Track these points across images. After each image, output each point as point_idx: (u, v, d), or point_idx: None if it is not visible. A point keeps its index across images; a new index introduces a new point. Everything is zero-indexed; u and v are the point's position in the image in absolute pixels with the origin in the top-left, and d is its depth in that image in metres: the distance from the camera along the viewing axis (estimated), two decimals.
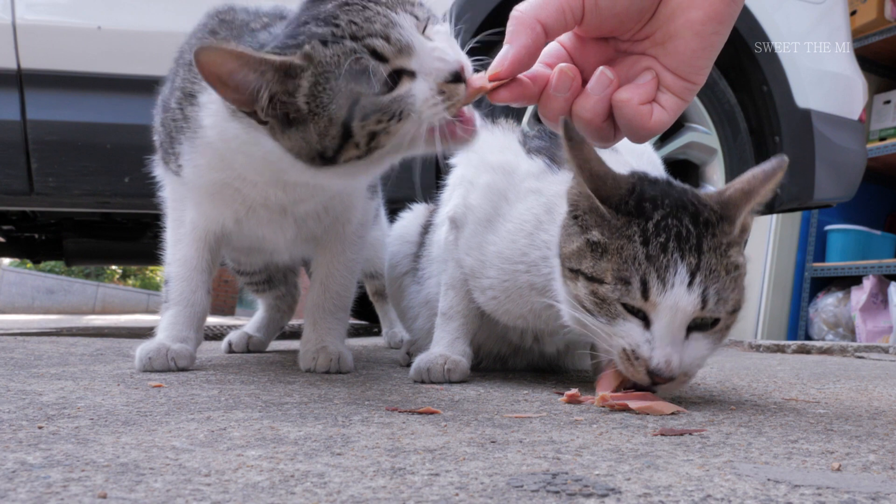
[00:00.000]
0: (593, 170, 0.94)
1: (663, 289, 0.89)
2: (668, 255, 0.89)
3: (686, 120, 2.61)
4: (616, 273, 0.91)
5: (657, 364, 0.89)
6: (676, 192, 0.96)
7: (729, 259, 0.93)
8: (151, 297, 13.70)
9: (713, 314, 0.91)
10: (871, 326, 4.16)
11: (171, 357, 1.26)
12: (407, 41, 0.96)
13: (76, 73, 2.12)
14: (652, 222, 0.92)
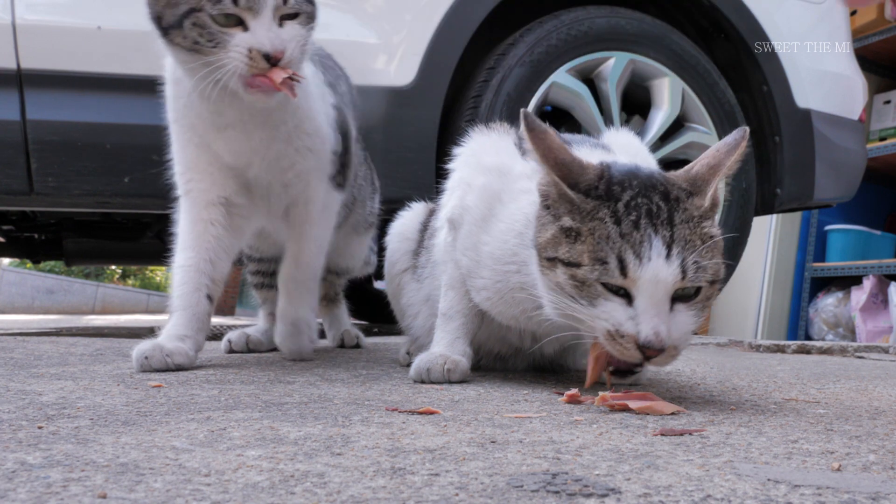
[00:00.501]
0: (558, 158, 0.96)
1: (640, 263, 0.90)
2: (641, 231, 0.91)
3: (686, 120, 2.61)
4: (592, 254, 0.92)
5: (646, 337, 0.90)
6: (645, 175, 0.98)
7: (703, 230, 0.95)
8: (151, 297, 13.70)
9: (694, 283, 0.92)
10: (871, 326, 4.16)
11: (167, 354, 1.28)
12: (258, 8, 1.21)
13: (76, 73, 2.12)
14: (622, 202, 0.94)
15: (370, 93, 2.26)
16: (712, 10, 2.63)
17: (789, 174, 2.74)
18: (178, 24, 1.24)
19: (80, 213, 2.93)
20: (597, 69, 2.49)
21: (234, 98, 1.31)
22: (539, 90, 2.38)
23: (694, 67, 2.57)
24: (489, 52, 2.45)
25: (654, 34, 2.53)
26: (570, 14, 2.45)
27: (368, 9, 2.34)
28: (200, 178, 1.42)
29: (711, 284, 0.95)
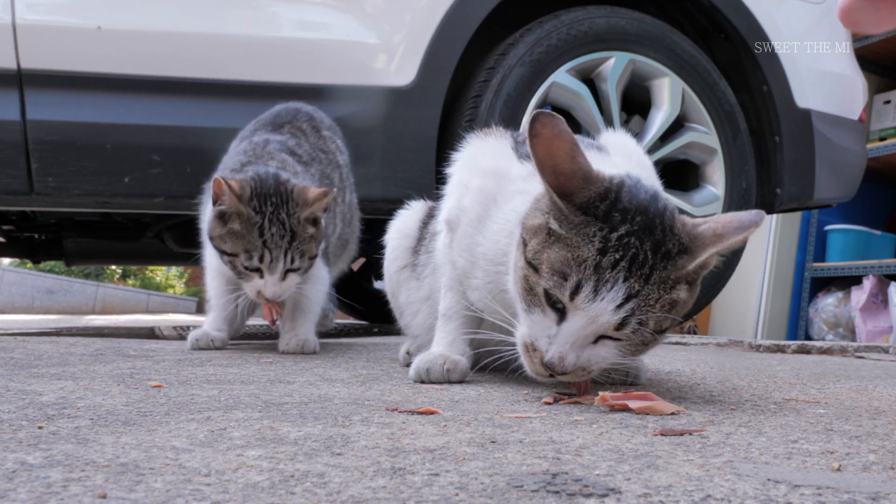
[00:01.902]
0: (559, 168, 0.94)
1: (592, 299, 0.90)
2: (615, 272, 0.91)
3: (686, 120, 2.61)
4: (556, 267, 0.93)
5: (550, 358, 0.93)
6: (653, 211, 0.95)
7: (670, 295, 0.94)
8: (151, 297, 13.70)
9: (625, 335, 0.93)
10: (871, 326, 4.16)
11: (212, 339, 1.85)
12: (272, 269, 1.69)
13: (76, 73, 2.12)
14: (616, 234, 0.92)
15: (370, 93, 2.26)
16: (712, 10, 2.63)
17: (789, 174, 2.74)
18: (219, 249, 1.70)
19: (80, 213, 2.93)
20: (597, 69, 2.49)
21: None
22: (539, 90, 2.38)
23: (694, 67, 2.57)
24: (489, 52, 2.45)
25: (654, 34, 2.53)
26: (570, 14, 2.45)
27: (368, 9, 2.34)
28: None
29: (658, 333, 0.95)
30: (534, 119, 0.93)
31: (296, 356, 1.70)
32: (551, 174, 0.95)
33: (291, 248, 1.69)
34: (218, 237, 1.68)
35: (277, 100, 2.23)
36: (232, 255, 1.68)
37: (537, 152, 0.94)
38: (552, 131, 0.93)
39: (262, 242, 1.66)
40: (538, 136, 0.94)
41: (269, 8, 2.33)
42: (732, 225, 0.95)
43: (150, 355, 1.61)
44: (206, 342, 1.82)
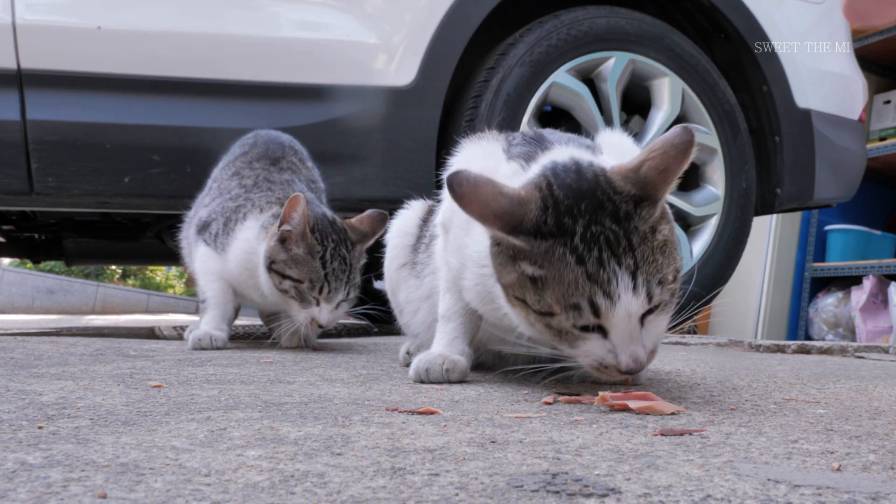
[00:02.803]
0: (496, 211, 0.94)
1: (612, 303, 0.91)
2: (607, 269, 0.91)
3: (686, 120, 2.61)
4: (563, 302, 0.92)
5: (627, 366, 0.94)
6: (589, 188, 0.95)
7: (657, 240, 0.94)
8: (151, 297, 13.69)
9: (660, 301, 0.94)
10: (871, 326, 4.16)
11: (213, 339, 1.85)
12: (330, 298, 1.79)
13: (76, 73, 2.12)
14: (577, 237, 0.92)
15: (370, 93, 2.26)
16: (712, 10, 2.63)
17: (789, 174, 2.74)
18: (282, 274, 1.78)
19: (80, 213, 2.93)
20: (597, 69, 2.49)
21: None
22: (539, 90, 2.38)
23: (694, 67, 2.57)
24: (489, 52, 2.45)
25: (654, 34, 2.53)
26: (570, 14, 2.45)
27: (368, 9, 2.34)
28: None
29: (674, 281, 0.96)
30: (448, 184, 0.93)
31: (296, 356, 1.70)
32: (495, 220, 0.94)
33: (349, 281, 1.81)
34: (282, 262, 1.76)
35: (277, 100, 2.23)
36: (297, 282, 1.77)
37: (472, 210, 0.94)
38: (470, 184, 0.93)
39: (325, 274, 1.77)
40: (463, 197, 0.94)
41: (269, 8, 2.33)
42: (670, 154, 0.94)
43: (150, 355, 1.61)
44: (207, 342, 1.83)
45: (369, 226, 1.88)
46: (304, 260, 1.76)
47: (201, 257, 1.96)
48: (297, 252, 1.76)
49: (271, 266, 1.78)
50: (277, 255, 1.77)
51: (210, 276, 1.94)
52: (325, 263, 1.77)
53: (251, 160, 2.01)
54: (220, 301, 1.93)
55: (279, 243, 1.77)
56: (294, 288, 1.77)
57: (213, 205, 1.97)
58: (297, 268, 1.76)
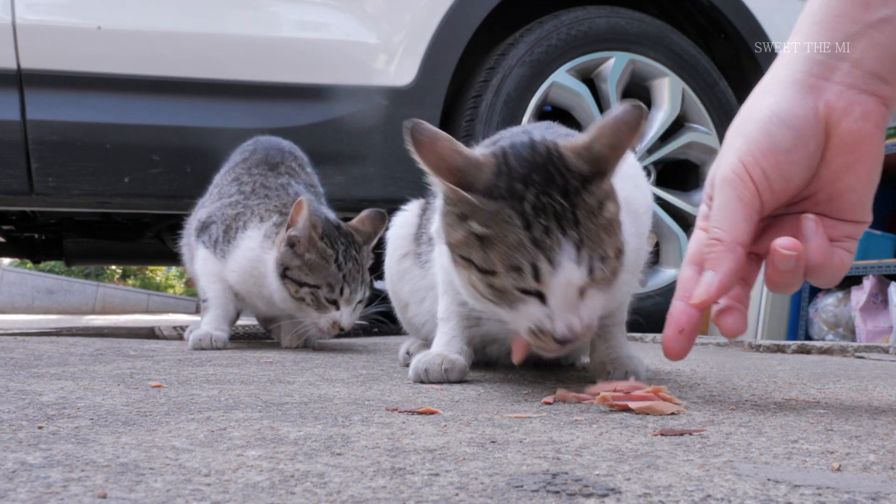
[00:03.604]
0: (450, 165, 0.96)
1: (553, 270, 0.93)
2: (552, 237, 0.93)
3: (686, 120, 2.61)
4: (506, 262, 0.94)
5: (562, 333, 0.96)
6: (542, 162, 0.97)
7: (604, 217, 0.96)
8: (151, 297, 13.71)
9: (600, 276, 0.96)
10: (871, 326, 4.16)
11: (213, 339, 1.84)
12: (350, 300, 1.81)
13: (76, 73, 2.12)
14: (528, 203, 0.94)
15: (370, 93, 2.26)
16: (712, 10, 2.63)
17: None
18: (298, 282, 1.77)
19: (80, 213, 2.93)
20: (597, 69, 2.49)
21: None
22: (539, 90, 2.38)
23: (694, 67, 2.57)
24: (489, 52, 2.45)
25: (654, 34, 2.53)
26: (570, 14, 2.45)
27: (368, 9, 2.34)
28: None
29: (616, 259, 0.98)
30: (411, 131, 0.96)
31: (296, 356, 1.70)
32: (448, 174, 0.96)
33: (363, 280, 1.83)
34: (297, 268, 1.77)
35: (277, 100, 2.23)
36: (315, 287, 1.77)
37: (427, 161, 0.96)
38: (430, 135, 0.96)
39: (342, 276, 1.78)
40: (421, 146, 0.96)
41: (269, 8, 2.33)
42: (622, 130, 0.96)
43: (150, 355, 1.61)
44: (207, 342, 1.83)
45: (370, 226, 1.89)
46: (319, 265, 1.76)
47: (201, 259, 1.96)
48: (310, 257, 1.76)
49: (286, 273, 1.77)
50: (291, 262, 1.77)
51: (211, 276, 1.94)
52: (341, 266, 1.77)
53: (250, 166, 2.02)
54: (221, 301, 1.93)
55: (289, 248, 1.77)
56: (311, 294, 1.77)
57: (211, 207, 1.98)
58: (313, 273, 1.76)
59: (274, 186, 1.96)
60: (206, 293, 1.95)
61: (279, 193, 1.94)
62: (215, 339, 1.84)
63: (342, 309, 1.79)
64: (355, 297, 1.80)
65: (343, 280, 1.78)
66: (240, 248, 1.87)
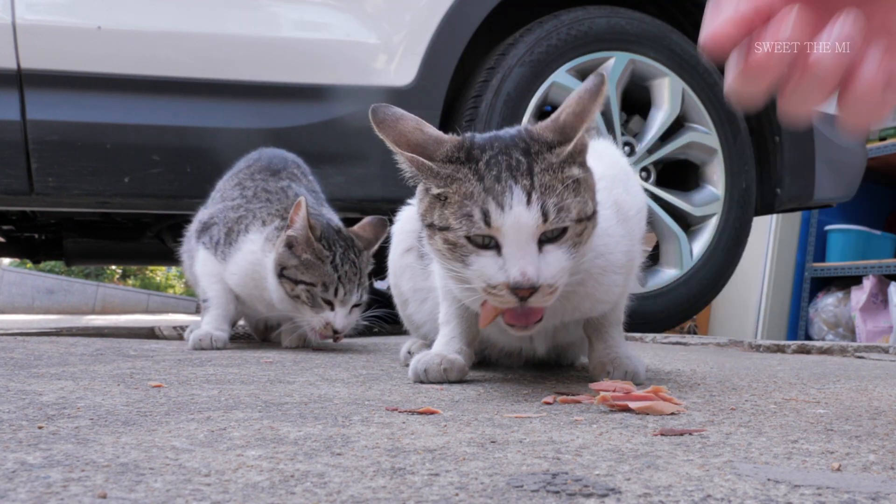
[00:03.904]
0: (411, 140, 1.03)
1: (502, 211, 0.95)
2: (502, 183, 0.96)
3: (686, 120, 2.61)
4: (458, 213, 0.98)
5: (514, 279, 0.96)
6: (508, 136, 1.03)
7: (564, 174, 0.99)
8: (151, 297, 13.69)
9: (557, 224, 0.97)
10: (871, 326, 4.16)
11: (213, 339, 1.84)
12: (345, 301, 1.79)
13: (76, 73, 2.12)
14: (482, 162, 0.99)
15: (370, 93, 2.26)
16: None
17: (789, 174, 2.74)
18: (294, 280, 1.77)
19: (80, 213, 2.93)
20: (597, 69, 2.49)
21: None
22: (539, 90, 2.38)
23: (694, 67, 2.57)
24: (489, 52, 2.45)
25: (654, 34, 2.53)
26: (570, 14, 2.45)
27: (368, 9, 2.34)
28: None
29: (578, 222, 0.99)
30: (373, 110, 1.03)
31: (296, 356, 1.70)
32: (408, 147, 1.02)
33: (360, 284, 1.83)
34: (293, 267, 1.78)
35: (277, 100, 2.23)
36: (310, 285, 1.77)
37: (388, 136, 1.03)
38: (394, 115, 1.04)
39: (338, 276, 1.79)
40: (382, 123, 1.03)
41: (269, 8, 2.33)
42: (585, 98, 1.01)
43: (150, 355, 1.61)
44: (207, 342, 1.83)
45: (372, 232, 1.90)
46: (314, 264, 1.77)
47: (201, 261, 1.97)
48: (306, 257, 1.77)
49: (282, 273, 1.79)
50: (288, 262, 1.78)
51: (211, 277, 1.95)
52: (337, 267, 1.79)
53: (253, 172, 2.03)
54: (222, 301, 1.94)
55: (287, 249, 1.78)
56: (307, 292, 1.78)
57: (213, 209, 1.99)
58: (308, 272, 1.77)
59: (275, 190, 1.97)
60: (207, 293, 1.96)
61: (280, 197, 1.95)
62: (215, 339, 1.85)
63: (337, 310, 1.80)
64: (350, 298, 1.81)
65: (338, 281, 1.79)
66: (241, 251, 1.88)
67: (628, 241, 1.18)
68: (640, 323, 2.45)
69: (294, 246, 1.77)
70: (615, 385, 1.03)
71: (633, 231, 1.21)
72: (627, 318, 1.32)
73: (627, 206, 1.19)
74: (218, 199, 2.02)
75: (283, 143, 2.22)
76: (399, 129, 1.03)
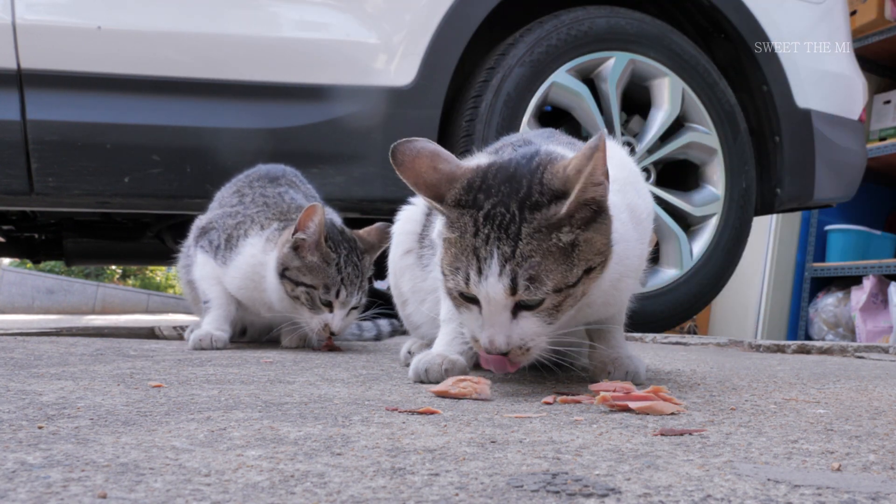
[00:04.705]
0: (427, 181, 1.03)
1: (479, 279, 0.97)
2: (488, 246, 0.97)
3: (686, 120, 2.61)
4: (452, 265, 1.00)
5: (484, 344, 1.00)
6: (520, 174, 1.00)
7: (551, 240, 0.97)
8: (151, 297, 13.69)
9: (527, 297, 0.97)
10: (871, 326, 4.16)
11: (214, 339, 1.84)
12: (347, 299, 1.82)
13: (76, 73, 2.12)
14: (482, 212, 0.98)
15: (370, 93, 2.26)
16: (712, 10, 2.63)
17: (789, 174, 2.74)
18: (295, 281, 1.79)
19: (80, 213, 2.93)
20: (597, 69, 2.49)
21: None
22: (539, 90, 2.38)
23: (694, 67, 2.57)
24: (489, 52, 2.45)
25: (654, 34, 2.53)
26: (570, 14, 2.45)
27: (368, 9, 2.34)
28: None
29: (557, 292, 0.98)
30: (392, 152, 1.03)
31: (296, 356, 1.70)
32: (425, 189, 1.03)
33: (361, 286, 1.85)
34: (296, 269, 1.79)
35: (277, 100, 2.23)
36: (311, 287, 1.79)
37: (407, 178, 1.04)
38: (411, 154, 1.03)
39: (340, 279, 1.81)
40: (402, 165, 1.04)
41: (269, 8, 2.33)
42: (585, 155, 0.97)
43: (150, 355, 1.61)
44: (208, 342, 1.83)
45: (376, 237, 1.92)
46: (318, 267, 1.79)
47: (200, 264, 1.98)
48: (311, 259, 1.78)
49: (284, 273, 1.80)
50: (291, 263, 1.79)
51: (210, 280, 1.96)
52: (340, 269, 1.80)
53: (251, 181, 2.06)
54: (222, 301, 1.95)
55: (292, 250, 1.79)
56: (306, 294, 1.79)
57: (211, 215, 2.02)
58: (311, 274, 1.79)
59: (272, 195, 1.99)
60: (207, 295, 1.96)
61: (277, 202, 1.97)
62: (215, 339, 1.85)
63: (335, 312, 1.81)
64: (350, 301, 1.82)
65: (340, 283, 1.80)
66: (242, 255, 1.89)
67: (640, 245, 1.18)
68: (641, 323, 2.45)
69: (300, 248, 1.78)
70: (615, 385, 1.03)
71: (644, 234, 1.21)
72: (628, 319, 1.32)
73: (640, 209, 1.18)
74: (216, 206, 2.05)
75: (283, 143, 2.22)
76: (416, 170, 1.03)
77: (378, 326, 2.37)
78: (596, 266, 1.00)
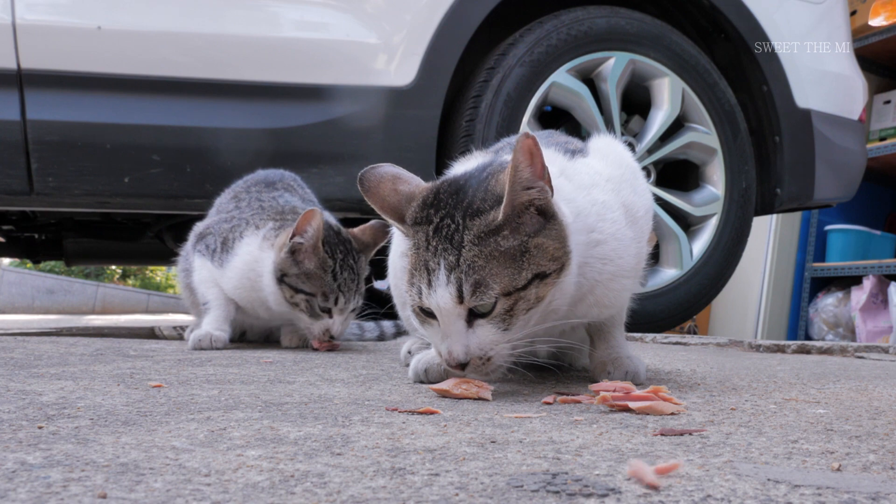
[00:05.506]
0: (389, 204, 1.06)
1: (429, 291, 0.98)
2: (437, 258, 0.98)
3: (686, 120, 2.61)
4: (409, 281, 1.01)
5: (445, 358, 1.00)
6: (470, 184, 1.02)
7: (492, 246, 0.97)
8: (151, 297, 13.70)
9: (475, 303, 0.97)
10: (871, 326, 4.16)
11: (213, 339, 1.85)
12: (343, 309, 1.84)
13: (76, 73, 2.12)
14: (432, 226, 1.00)
15: (370, 93, 2.26)
16: (712, 10, 2.63)
17: (789, 174, 2.74)
18: (294, 288, 1.81)
19: (80, 213, 2.93)
20: (597, 69, 2.49)
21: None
22: (539, 90, 2.38)
23: (694, 67, 2.57)
24: (489, 52, 2.45)
25: (654, 34, 2.53)
26: (570, 14, 2.45)
27: (368, 9, 2.34)
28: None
29: (507, 296, 0.97)
30: (360, 179, 1.07)
31: (296, 356, 1.70)
32: (389, 212, 1.06)
33: (358, 290, 1.86)
34: (294, 276, 1.80)
35: (277, 100, 2.23)
36: (310, 295, 1.81)
37: (374, 203, 1.07)
38: (375, 179, 1.07)
39: (337, 286, 1.82)
40: (368, 191, 1.07)
41: (270, 8, 2.33)
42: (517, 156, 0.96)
43: (150, 355, 1.61)
44: (207, 342, 1.84)
45: (371, 236, 1.91)
46: (315, 274, 1.79)
47: (198, 267, 1.99)
48: (308, 267, 1.79)
49: (282, 278, 1.80)
50: (289, 269, 1.80)
51: (209, 283, 1.97)
52: (336, 276, 1.81)
53: (249, 186, 2.07)
54: (221, 302, 1.95)
55: (290, 255, 1.79)
56: (306, 301, 1.81)
57: (209, 220, 2.04)
58: (309, 282, 1.80)
59: (267, 199, 2.01)
60: (206, 296, 1.97)
61: (272, 205, 1.99)
62: (215, 339, 1.85)
63: (335, 318, 1.83)
64: (349, 306, 1.84)
65: (338, 290, 1.81)
66: (238, 256, 1.90)
67: (637, 244, 1.16)
68: (641, 323, 2.45)
69: (297, 252, 1.78)
70: (615, 385, 1.03)
71: (641, 233, 1.20)
72: (628, 319, 1.32)
73: (636, 208, 1.17)
74: (214, 213, 2.07)
75: (283, 143, 2.22)
76: (380, 195, 1.06)
77: (381, 327, 2.37)
78: (551, 272, 0.99)
